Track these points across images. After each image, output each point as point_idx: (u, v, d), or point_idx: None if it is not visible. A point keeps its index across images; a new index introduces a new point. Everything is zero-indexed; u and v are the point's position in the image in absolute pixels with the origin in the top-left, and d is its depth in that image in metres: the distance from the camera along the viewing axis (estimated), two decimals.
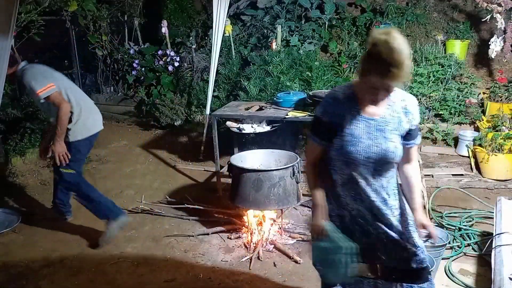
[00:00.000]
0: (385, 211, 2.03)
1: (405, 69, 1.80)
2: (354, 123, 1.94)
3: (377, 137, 1.93)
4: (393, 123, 1.96)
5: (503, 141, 4.54)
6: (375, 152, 1.93)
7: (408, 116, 1.98)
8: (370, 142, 1.93)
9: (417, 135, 2.04)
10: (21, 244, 3.74)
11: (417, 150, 2.05)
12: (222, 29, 5.50)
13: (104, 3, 7.05)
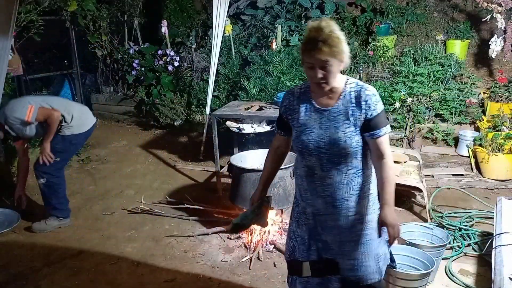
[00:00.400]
0: (340, 210, 2.03)
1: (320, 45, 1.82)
2: (307, 114, 2.02)
3: (328, 127, 1.97)
4: (345, 114, 1.96)
5: (503, 141, 4.53)
6: (325, 142, 1.96)
7: (362, 106, 1.94)
8: (322, 132, 1.98)
9: (379, 127, 1.94)
10: (21, 244, 3.74)
11: (386, 144, 1.97)
12: (222, 29, 5.50)
13: (104, 3, 7.05)
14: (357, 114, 1.94)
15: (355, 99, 1.95)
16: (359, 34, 6.77)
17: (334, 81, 1.93)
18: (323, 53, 1.83)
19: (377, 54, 6.21)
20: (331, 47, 1.83)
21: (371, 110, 1.93)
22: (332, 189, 2.01)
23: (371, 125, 1.94)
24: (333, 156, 1.97)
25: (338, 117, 1.97)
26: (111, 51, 7.27)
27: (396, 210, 4.08)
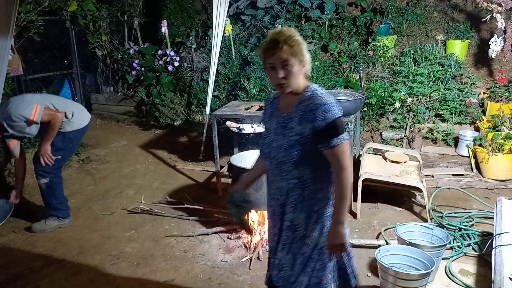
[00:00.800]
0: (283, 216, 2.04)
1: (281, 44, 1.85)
2: (271, 119, 2.07)
3: (279, 133, 1.98)
4: (294, 121, 1.94)
5: (503, 141, 4.53)
6: (274, 147, 1.99)
7: (310, 116, 1.89)
8: (274, 138, 2.00)
9: (329, 138, 1.87)
10: (21, 244, 3.74)
11: (339, 155, 1.89)
12: (222, 29, 5.50)
13: (104, 3, 7.05)
14: (305, 123, 1.90)
15: (307, 108, 1.91)
16: (359, 34, 6.77)
17: (294, 83, 1.92)
18: (283, 52, 1.85)
19: (377, 54, 6.21)
20: (291, 46, 1.86)
21: (319, 121, 1.87)
22: (278, 194, 2.04)
23: (320, 135, 1.89)
24: (278, 162, 1.97)
25: (289, 124, 1.95)
26: (111, 51, 7.26)
27: (396, 210, 4.09)
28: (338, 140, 1.88)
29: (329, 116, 1.87)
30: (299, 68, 1.90)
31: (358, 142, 4.86)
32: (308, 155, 1.92)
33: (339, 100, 3.92)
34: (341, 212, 1.92)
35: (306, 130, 1.90)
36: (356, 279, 2.17)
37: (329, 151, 1.90)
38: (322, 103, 1.89)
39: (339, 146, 1.88)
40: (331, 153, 1.90)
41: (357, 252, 3.44)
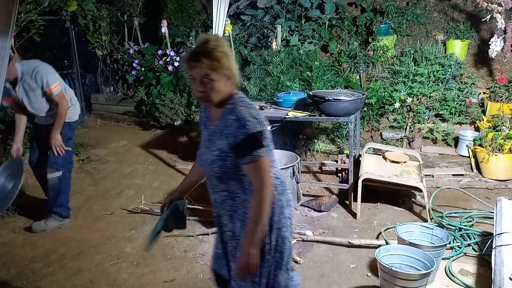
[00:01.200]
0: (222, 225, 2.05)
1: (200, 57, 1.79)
2: (203, 129, 2.04)
3: (207, 145, 1.97)
4: (216, 136, 1.90)
5: (503, 141, 4.53)
6: (203, 160, 1.99)
7: (226, 131, 1.85)
8: (203, 150, 1.99)
9: (244, 154, 1.81)
10: (21, 244, 3.74)
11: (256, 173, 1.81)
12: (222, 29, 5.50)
13: (104, 3, 7.05)
14: (223, 139, 1.86)
15: (226, 122, 1.86)
16: (359, 34, 6.77)
17: (216, 97, 1.85)
18: (203, 66, 1.78)
19: (377, 54, 6.21)
20: (212, 60, 1.78)
21: (233, 136, 1.82)
22: (215, 205, 2.04)
23: (236, 151, 1.83)
24: (207, 175, 1.98)
25: (213, 139, 1.92)
26: (111, 51, 7.26)
27: (396, 210, 4.09)
28: (254, 157, 1.80)
29: (243, 131, 1.80)
30: (221, 82, 1.83)
31: (358, 142, 4.86)
32: (230, 169, 1.87)
33: (339, 100, 3.92)
34: (255, 233, 1.82)
35: (224, 145, 1.85)
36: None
37: (245, 167, 1.83)
38: (237, 118, 1.82)
39: (255, 163, 1.81)
40: (246, 169, 1.83)
41: (357, 252, 3.44)
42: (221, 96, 1.86)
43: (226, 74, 1.84)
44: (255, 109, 1.88)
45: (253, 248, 1.83)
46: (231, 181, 1.90)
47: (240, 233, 1.96)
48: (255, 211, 1.82)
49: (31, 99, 3.67)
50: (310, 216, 4.07)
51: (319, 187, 4.65)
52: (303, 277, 3.16)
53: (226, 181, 1.91)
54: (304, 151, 5.34)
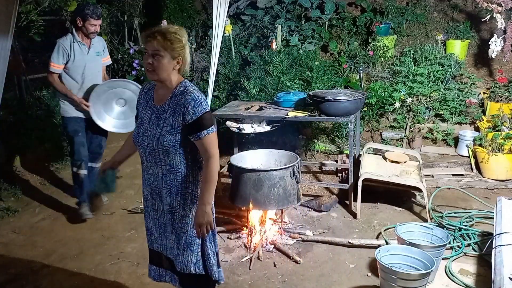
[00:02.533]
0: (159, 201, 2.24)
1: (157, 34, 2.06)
2: (145, 109, 2.26)
3: (153, 123, 2.17)
4: (167, 113, 2.14)
5: (503, 141, 4.53)
6: (148, 136, 2.17)
7: (181, 109, 2.09)
8: (148, 127, 2.19)
9: (199, 130, 2.09)
10: (21, 244, 3.74)
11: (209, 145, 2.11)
12: (222, 29, 5.49)
13: (104, 3, 7.04)
14: (177, 116, 2.11)
15: (179, 102, 2.11)
16: (359, 34, 6.77)
17: (162, 74, 2.10)
18: (156, 42, 2.05)
19: (377, 54, 6.21)
20: (166, 40, 2.05)
21: (190, 115, 2.08)
22: (152, 179, 2.24)
23: (191, 128, 2.10)
24: (152, 150, 2.16)
25: (162, 116, 2.15)
26: (111, 51, 7.24)
27: (396, 210, 4.09)
28: (207, 132, 2.10)
29: (199, 110, 2.09)
30: (169, 62, 2.09)
31: (358, 142, 4.86)
32: (178, 144, 2.13)
33: (339, 100, 3.92)
34: (208, 194, 2.13)
35: (177, 122, 2.11)
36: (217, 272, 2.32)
37: (199, 142, 2.12)
38: (192, 99, 2.09)
39: (207, 137, 2.11)
40: (200, 143, 2.12)
41: (357, 252, 3.44)
42: (166, 75, 2.12)
43: (176, 57, 2.10)
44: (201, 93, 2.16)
45: (208, 206, 2.13)
46: (176, 156, 2.15)
47: (180, 206, 2.21)
48: (208, 175, 2.13)
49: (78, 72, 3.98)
50: (310, 216, 4.07)
51: (319, 187, 4.65)
52: (303, 277, 3.16)
53: (173, 156, 2.15)
54: (304, 151, 5.34)
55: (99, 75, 4.05)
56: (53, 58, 3.82)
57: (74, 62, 3.87)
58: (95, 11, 3.76)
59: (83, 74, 3.91)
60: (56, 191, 4.77)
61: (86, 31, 3.82)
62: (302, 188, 4.51)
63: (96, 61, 4.00)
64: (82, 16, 3.76)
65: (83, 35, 3.87)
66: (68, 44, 3.84)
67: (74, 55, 3.86)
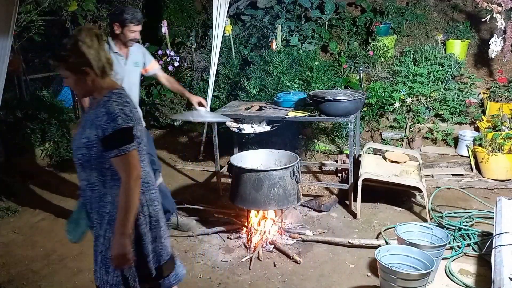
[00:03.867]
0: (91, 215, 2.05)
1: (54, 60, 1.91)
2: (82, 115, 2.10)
3: (78, 132, 2.00)
4: (87, 124, 1.95)
5: (503, 141, 4.54)
6: (73, 146, 2.02)
7: (97, 122, 1.89)
8: (76, 136, 2.02)
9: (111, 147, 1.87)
10: (21, 244, 3.74)
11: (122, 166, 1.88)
12: (222, 29, 5.50)
13: (104, 3, 7.05)
14: (93, 128, 1.91)
15: (98, 113, 1.91)
16: (359, 34, 6.77)
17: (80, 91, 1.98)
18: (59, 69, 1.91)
19: (377, 54, 6.21)
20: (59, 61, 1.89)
21: (102, 129, 1.87)
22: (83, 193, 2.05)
23: (103, 144, 1.89)
24: (76, 162, 1.99)
25: (85, 125, 1.97)
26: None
27: (396, 210, 4.09)
28: (122, 151, 1.87)
29: (112, 125, 1.86)
30: (78, 79, 1.91)
31: (358, 142, 4.86)
32: (94, 159, 1.92)
33: (339, 100, 3.92)
34: (124, 223, 1.88)
35: (92, 135, 1.90)
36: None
37: (113, 160, 1.89)
38: (107, 112, 1.87)
39: (122, 157, 1.87)
40: (115, 162, 1.90)
41: (357, 252, 3.44)
42: (84, 91, 1.97)
43: (79, 71, 1.90)
44: (129, 106, 1.93)
45: (124, 238, 1.88)
46: (93, 172, 1.96)
47: (97, 225, 2.03)
48: (124, 202, 1.88)
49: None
50: (310, 216, 4.07)
51: (319, 187, 4.65)
52: (303, 277, 3.16)
53: (89, 171, 1.96)
54: (304, 151, 5.34)
55: (136, 88, 3.57)
56: None
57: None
58: (135, 15, 3.31)
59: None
60: (56, 191, 4.77)
61: (124, 38, 3.37)
62: (302, 188, 4.51)
63: (135, 72, 3.54)
64: (120, 21, 3.30)
65: (121, 44, 3.43)
66: None
67: None
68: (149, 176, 2.10)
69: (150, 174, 2.11)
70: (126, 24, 3.31)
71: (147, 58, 3.63)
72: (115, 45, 3.43)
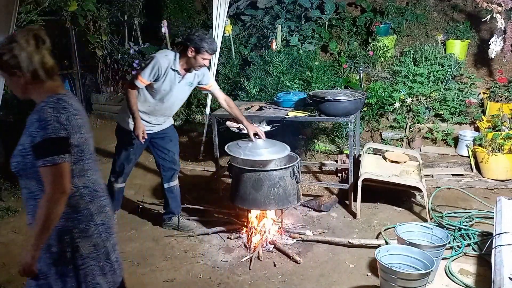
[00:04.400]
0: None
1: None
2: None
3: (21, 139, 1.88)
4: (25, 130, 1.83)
5: (503, 141, 4.54)
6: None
7: (29, 129, 1.80)
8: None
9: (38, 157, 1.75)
10: (21, 244, 3.74)
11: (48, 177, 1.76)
12: (222, 29, 5.50)
13: (104, 3, 7.05)
14: (27, 135, 1.81)
15: (31, 119, 1.81)
16: (359, 34, 6.77)
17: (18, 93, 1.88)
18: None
19: (377, 54, 6.21)
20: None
21: (32, 136, 1.76)
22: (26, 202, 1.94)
23: (33, 151, 1.78)
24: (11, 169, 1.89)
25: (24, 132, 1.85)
26: (111, 51, 7.26)
27: (396, 210, 4.09)
28: (47, 162, 1.75)
29: (41, 134, 1.75)
30: (12, 80, 1.84)
31: (358, 142, 4.86)
32: (29, 168, 1.82)
33: (339, 100, 3.91)
34: (38, 236, 1.77)
35: (26, 142, 1.80)
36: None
37: (40, 170, 1.77)
38: (40, 119, 1.77)
39: (48, 168, 1.76)
40: (41, 172, 1.77)
41: (357, 252, 3.45)
42: (21, 93, 1.88)
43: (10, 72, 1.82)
44: (66, 113, 1.81)
45: (34, 251, 1.78)
46: (31, 180, 1.85)
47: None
48: (41, 215, 1.76)
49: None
50: (310, 216, 4.07)
51: (319, 187, 4.65)
52: (303, 277, 3.16)
53: (26, 179, 1.87)
54: (304, 151, 5.34)
55: (180, 103, 3.64)
56: (145, 73, 3.29)
57: (161, 86, 3.38)
58: (213, 46, 3.30)
59: (164, 99, 3.46)
60: None
61: (195, 63, 3.33)
62: (302, 188, 4.51)
63: (185, 91, 3.54)
64: (197, 48, 3.26)
65: (185, 64, 3.38)
66: (165, 65, 3.31)
67: (165, 79, 3.36)
68: (97, 183, 2.00)
69: (98, 181, 2.01)
70: (203, 52, 3.29)
71: (205, 78, 3.59)
72: (179, 62, 3.37)
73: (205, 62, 3.35)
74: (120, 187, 3.79)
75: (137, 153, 3.72)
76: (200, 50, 3.27)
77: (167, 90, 3.41)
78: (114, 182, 3.75)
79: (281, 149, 3.53)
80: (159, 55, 3.33)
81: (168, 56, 3.34)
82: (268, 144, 3.54)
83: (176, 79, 3.41)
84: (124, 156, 3.65)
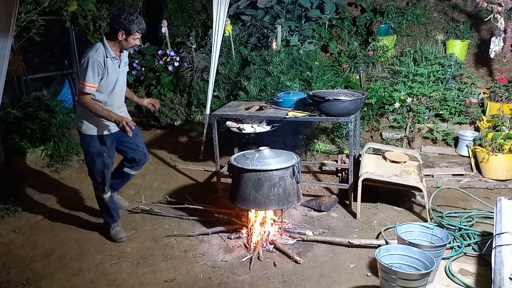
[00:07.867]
0: None
1: None
2: None
3: None
4: None
5: (503, 141, 4.53)
6: None
7: None
8: None
9: None
10: (21, 244, 3.74)
11: None
12: (222, 29, 5.50)
13: (104, 3, 7.05)
14: None
15: None
16: (359, 34, 6.77)
17: None
18: None
19: (377, 54, 6.21)
20: None
21: None
22: None
23: None
24: None
25: None
26: None
27: (396, 210, 4.09)
28: None
29: None
30: None
31: (358, 142, 4.86)
32: None
33: (339, 100, 3.91)
34: None
35: None
36: None
37: None
38: None
39: None
40: None
41: (357, 252, 3.44)
42: None
43: None
44: None
45: None
46: None
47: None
48: None
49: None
50: (310, 216, 4.07)
51: (319, 187, 4.65)
52: (303, 277, 3.16)
53: None
54: (304, 151, 5.34)
55: (125, 87, 3.63)
56: (88, 77, 3.24)
57: (107, 79, 3.37)
58: (142, 25, 3.31)
59: (113, 89, 3.45)
60: (56, 191, 4.78)
61: (126, 45, 3.35)
62: (302, 188, 4.51)
63: (125, 72, 3.58)
64: (127, 29, 3.25)
65: (118, 48, 3.38)
66: (102, 59, 3.29)
67: (108, 71, 3.34)
68: None
69: None
70: (133, 32, 3.30)
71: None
72: (111, 48, 3.35)
73: (136, 42, 3.38)
74: (109, 196, 3.71)
75: (112, 155, 3.64)
76: (131, 31, 3.29)
77: (114, 79, 3.43)
78: (101, 194, 3.66)
79: (288, 158, 3.54)
80: (91, 53, 3.29)
81: (99, 49, 3.31)
82: (275, 154, 3.55)
83: (115, 65, 3.41)
84: (100, 164, 3.55)
